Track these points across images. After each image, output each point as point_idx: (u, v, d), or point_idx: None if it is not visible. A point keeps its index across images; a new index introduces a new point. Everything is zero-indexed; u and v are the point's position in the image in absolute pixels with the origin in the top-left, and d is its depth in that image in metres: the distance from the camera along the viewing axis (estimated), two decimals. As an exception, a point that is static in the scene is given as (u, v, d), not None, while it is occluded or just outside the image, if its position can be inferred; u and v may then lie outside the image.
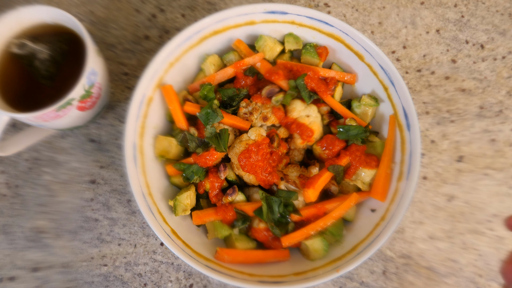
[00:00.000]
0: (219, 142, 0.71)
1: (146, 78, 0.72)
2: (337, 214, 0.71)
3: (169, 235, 0.67)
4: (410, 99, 0.70)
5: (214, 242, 0.74)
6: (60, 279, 0.80)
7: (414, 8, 0.97)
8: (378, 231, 0.68)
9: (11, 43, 0.71)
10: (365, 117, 0.77)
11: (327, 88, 0.76)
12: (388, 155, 0.73)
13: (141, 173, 0.70)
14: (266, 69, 0.76)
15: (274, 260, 0.72)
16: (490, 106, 0.91)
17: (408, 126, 0.71)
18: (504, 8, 0.97)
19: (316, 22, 0.76)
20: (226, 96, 0.75)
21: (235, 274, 0.67)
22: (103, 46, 0.91)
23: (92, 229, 0.82)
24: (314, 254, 0.70)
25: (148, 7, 0.94)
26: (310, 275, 0.67)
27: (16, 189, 0.83)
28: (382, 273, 0.82)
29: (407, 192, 0.68)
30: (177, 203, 0.71)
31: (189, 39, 0.75)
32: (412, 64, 0.93)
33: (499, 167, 0.88)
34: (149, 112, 0.74)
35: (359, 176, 0.74)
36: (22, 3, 0.71)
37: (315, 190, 0.69)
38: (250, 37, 0.80)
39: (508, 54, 0.94)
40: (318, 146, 0.75)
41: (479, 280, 0.82)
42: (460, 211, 0.85)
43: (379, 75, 0.75)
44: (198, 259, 0.67)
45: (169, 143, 0.74)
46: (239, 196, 0.73)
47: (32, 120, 0.67)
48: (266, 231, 0.72)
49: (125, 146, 0.69)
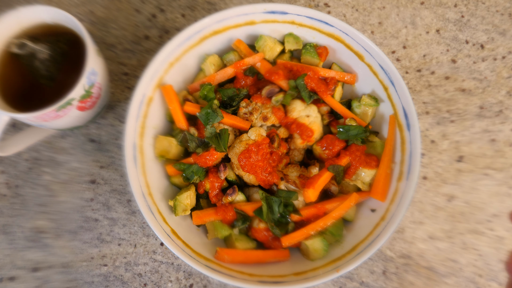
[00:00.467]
0: (219, 142, 0.71)
1: (146, 78, 0.72)
2: (337, 214, 0.71)
3: (169, 235, 0.67)
4: (410, 99, 0.70)
5: (214, 242, 0.74)
6: (60, 279, 0.80)
7: (414, 8, 0.97)
8: (378, 231, 0.68)
9: (11, 43, 0.71)
10: (365, 117, 0.77)
11: (327, 88, 0.76)
12: (388, 155, 0.73)
13: (141, 173, 0.70)
14: (266, 69, 0.76)
15: (274, 260, 0.72)
16: (490, 106, 0.91)
17: (408, 126, 0.71)
18: (504, 8, 0.97)
19: (316, 22, 0.76)
20: (226, 96, 0.75)
21: (235, 274, 0.67)
22: (103, 46, 0.91)
23: (92, 229, 0.82)
24: (314, 254, 0.70)
25: (148, 7, 0.94)
26: (310, 275, 0.67)
27: (16, 189, 0.83)
28: (382, 273, 0.82)
29: (407, 192, 0.68)
30: (177, 203, 0.71)
31: (189, 39, 0.75)
32: (412, 64, 0.93)
33: (499, 167, 0.88)
34: (149, 112, 0.74)
35: (359, 176, 0.74)
36: (22, 3, 0.71)
37: (315, 190, 0.69)
38: (250, 37, 0.80)
39: (508, 54, 0.94)
40: (318, 146, 0.75)
41: (479, 280, 0.82)
42: (460, 211, 0.85)
43: (379, 75, 0.75)
44: (198, 259, 0.67)
45: (169, 143, 0.74)
46: (239, 196, 0.73)
47: (32, 120, 0.67)
48: (266, 231, 0.72)
49: (125, 146, 0.69)
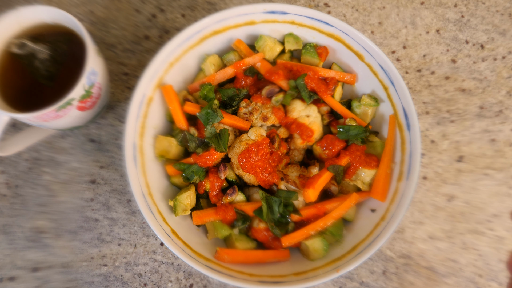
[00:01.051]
0: (219, 142, 0.71)
1: (146, 78, 0.72)
2: (337, 214, 0.71)
3: (169, 235, 0.67)
4: (410, 99, 0.70)
5: (214, 242, 0.74)
6: (60, 279, 0.80)
7: (414, 8, 0.97)
8: (378, 231, 0.68)
9: (11, 43, 0.71)
10: (365, 117, 0.77)
11: (327, 88, 0.76)
12: (388, 155, 0.73)
13: (141, 173, 0.70)
14: (266, 69, 0.76)
15: (274, 260, 0.72)
16: (490, 106, 0.91)
17: (408, 126, 0.71)
18: (504, 8, 0.97)
19: (316, 22, 0.76)
20: (226, 96, 0.75)
21: (235, 274, 0.67)
22: (103, 46, 0.91)
23: (92, 229, 0.82)
24: (314, 254, 0.70)
25: (148, 7, 0.94)
26: (310, 275, 0.67)
27: (16, 189, 0.83)
28: (382, 273, 0.82)
29: (407, 192, 0.68)
30: (177, 203, 0.71)
31: (189, 39, 0.75)
32: (412, 64, 0.93)
33: (499, 167, 0.88)
34: (149, 112, 0.74)
35: (359, 176, 0.74)
36: (22, 3, 0.71)
37: (315, 190, 0.69)
38: (250, 37, 0.80)
39: (508, 54, 0.94)
40: (318, 146, 0.75)
41: (479, 280, 0.82)
42: (460, 211, 0.85)
43: (379, 75, 0.75)
44: (198, 259, 0.67)
45: (169, 143, 0.74)
46: (239, 196, 0.73)
47: (32, 120, 0.67)
48: (266, 231, 0.72)
49: (125, 146, 0.69)
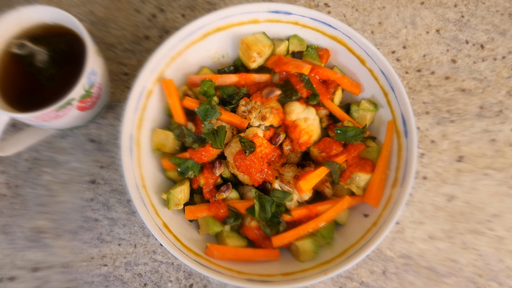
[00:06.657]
0: (216, 139, 0.71)
1: (147, 71, 0.71)
2: (329, 216, 0.71)
3: (160, 228, 0.67)
4: (409, 106, 0.70)
5: (205, 238, 0.74)
6: (60, 279, 0.80)
7: (414, 8, 0.97)
8: (369, 236, 0.68)
9: (11, 43, 0.71)
10: (363, 122, 0.77)
11: (327, 91, 0.76)
12: (383, 160, 0.73)
13: (136, 165, 0.70)
14: (272, 61, 0.76)
15: (263, 259, 0.72)
16: (490, 106, 0.91)
17: (405, 132, 0.71)
18: (504, 8, 0.97)
19: (319, 24, 0.76)
20: (226, 94, 0.75)
21: (224, 270, 0.67)
22: (103, 46, 0.91)
23: (92, 229, 0.82)
24: (304, 256, 0.70)
25: (148, 7, 0.94)
26: (299, 276, 0.67)
27: (16, 189, 0.83)
28: (382, 273, 0.82)
29: (400, 198, 0.68)
30: (171, 196, 0.70)
31: (192, 34, 0.75)
32: (412, 64, 0.93)
33: (499, 167, 0.88)
34: (148, 105, 0.74)
35: (353, 180, 0.73)
36: (22, 3, 0.71)
37: (306, 181, 0.69)
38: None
39: (508, 54, 0.94)
40: (315, 149, 0.75)
41: (479, 280, 0.82)
42: (460, 211, 0.85)
43: (380, 80, 0.75)
44: (188, 254, 0.67)
45: (166, 137, 0.74)
46: (233, 194, 0.73)
47: (32, 120, 0.67)
48: (257, 230, 0.72)
49: (122, 137, 0.69)
